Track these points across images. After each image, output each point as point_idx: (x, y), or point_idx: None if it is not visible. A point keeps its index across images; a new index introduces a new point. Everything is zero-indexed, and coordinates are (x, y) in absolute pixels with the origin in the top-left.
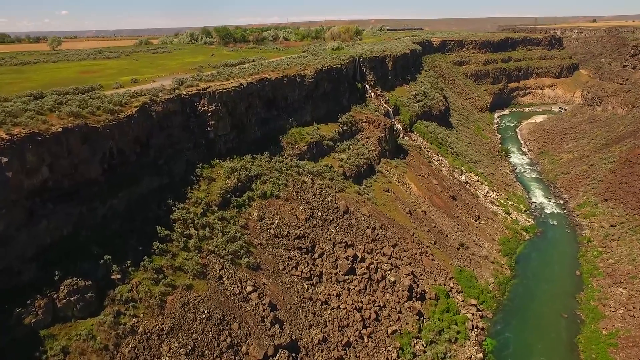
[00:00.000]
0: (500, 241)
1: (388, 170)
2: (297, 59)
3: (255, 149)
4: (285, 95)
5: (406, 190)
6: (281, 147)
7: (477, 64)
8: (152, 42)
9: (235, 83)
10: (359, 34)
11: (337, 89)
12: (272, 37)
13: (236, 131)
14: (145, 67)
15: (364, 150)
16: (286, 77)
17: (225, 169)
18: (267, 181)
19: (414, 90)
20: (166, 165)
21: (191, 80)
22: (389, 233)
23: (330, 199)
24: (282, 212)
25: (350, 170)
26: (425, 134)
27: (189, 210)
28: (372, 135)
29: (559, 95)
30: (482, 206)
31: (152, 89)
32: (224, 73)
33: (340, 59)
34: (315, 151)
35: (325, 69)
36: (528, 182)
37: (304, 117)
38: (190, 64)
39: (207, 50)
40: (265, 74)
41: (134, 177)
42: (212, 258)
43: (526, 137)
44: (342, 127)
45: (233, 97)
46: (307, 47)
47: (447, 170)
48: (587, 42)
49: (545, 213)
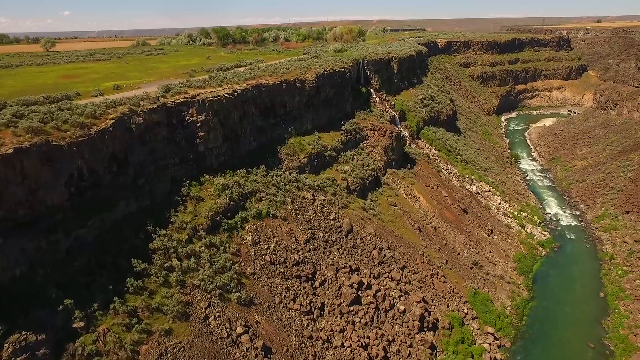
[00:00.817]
0: (515, 258)
1: (395, 181)
2: (297, 61)
3: (250, 162)
4: (284, 102)
5: (414, 204)
6: (279, 159)
7: (483, 65)
8: (149, 43)
9: (228, 90)
10: (362, 34)
11: (340, 94)
12: (273, 38)
13: (229, 143)
14: (135, 70)
15: (369, 160)
16: (285, 82)
17: (215, 187)
18: (263, 198)
19: (421, 94)
20: (147, 184)
21: (179, 87)
22: (397, 253)
23: (332, 217)
24: (279, 234)
25: (354, 183)
26: (433, 141)
27: (172, 237)
28: (377, 143)
29: (568, 97)
30: (494, 219)
31: (134, 97)
32: (217, 78)
33: (343, 61)
34: (317, 163)
35: (327, 72)
36: (540, 190)
37: (304, 125)
38: (184, 67)
39: (204, 52)
40: (262, 78)
41: (107, 201)
42: (197, 294)
43: (536, 142)
44: (346, 135)
45: (225, 105)
46: (308, 49)
47: (457, 180)
48: (594, 43)
49: (561, 225)
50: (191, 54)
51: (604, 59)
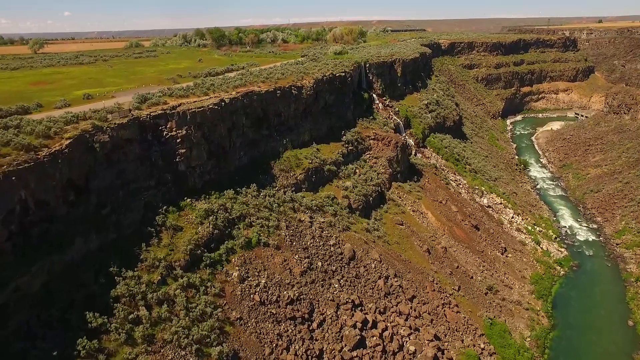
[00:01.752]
0: (532, 279)
1: (401, 196)
2: (294, 65)
3: (239, 181)
4: (279, 111)
5: (422, 222)
6: (273, 177)
7: (488, 67)
8: (143, 45)
9: (214, 99)
10: (363, 35)
11: (341, 100)
12: (271, 39)
13: (215, 159)
14: (116, 76)
15: (373, 174)
16: (279, 90)
17: (197, 213)
18: (253, 224)
19: (426, 99)
20: (114, 214)
21: (158, 96)
22: (404, 282)
23: (332, 243)
24: (271, 266)
25: (356, 201)
26: (440, 150)
27: (141, 279)
28: (381, 154)
29: (574, 100)
30: (507, 235)
31: (103, 109)
32: (203, 86)
33: (344, 65)
34: (315, 179)
35: (326, 77)
36: (553, 201)
37: (301, 136)
38: (171, 71)
39: (197, 54)
40: (254, 85)
41: (60, 239)
42: (168, 352)
43: (544, 147)
44: (347, 147)
45: (211, 117)
46: (306, 51)
47: (466, 193)
48: (598, 44)
49: (578, 240)
50: (183, 57)
51: (609, 60)
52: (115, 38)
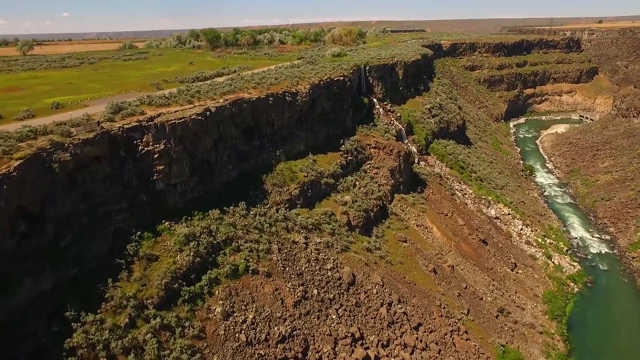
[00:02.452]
0: (544, 297)
1: (404, 210)
2: (289, 69)
3: (227, 198)
4: (271, 120)
5: (427, 237)
6: (264, 192)
7: (490, 68)
8: (137, 46)
9: (199, 108)
10: (363, 36)
11: (339, 107)
12: (268, 40)
13: (199, 175)
14: (97, 81)
15: (374, 186)
16: (272, 96)
17: (177, 239)
18: (241, 248)
19: (429, 103)
20: (75, 245)
21: (135, 106)
22: (409, 307)
23: (330, 266)
24: (260, 297)
25: (356, 217)
26: (443, 157)
27: (104, 324)
28: (382, 164)
29: (578, 102)
30: (517, 249)
31: (70, 121)
32: (188, 92)
33: (343, 68)
34: (311, 193)
35: (323, 82)
36: (561, 209)
37: (296, 146)
38: (157, 75)
39: (189, 56)
40: (244, 92)
41: (4, 280)
42: None
43: (550, 152)
44: (346, 157)
45: (194, 129)
46: (303, 53)
47: (472, 203)
48: (600, 44)
49: (590, 253)
50: (174, 59)
51: (612, 60)
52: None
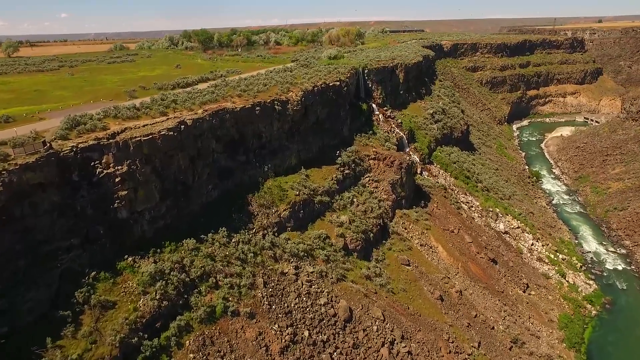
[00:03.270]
0: (560, 322)
1: (406, 227)
2: (280, 73)
3: (205, 224)
4: (258, 132)
5: (432, 258)
6: (249, 215)
7: (492, 69)
8: (128, 47)
9: (172, 121)
10: (361, 37)
11: (335, 114)
12: (264, 41)
13: (172, 198)
14: (69, 86)
15: (373, 203)
16: (259, 105)
17: (141, 278)
18: (219, 284)
19: (431, 108)
20: (4, 298)
21: (97, 119)
22: (414, 344)
23: (323, 301)
24: (240, 345)
25: (354, 240)
26: (447, 166)
27: None
28: (382, 177)
29: (583, 103)
30: (528, 267)
31: (11, 140)
32: (162, 103)
33: (339, 71)
34: (303, 214)
35: (318, 88)
36: (571, 219)
37: (286, 160)
38: (137, 80)
39: (178, 58)
40: (227, 101)
41: None
42: None
43: (556, 156)
44: (342, 170)
45: (164, 146)
46: (299, 54)
47: (479, 217)
48: (602, 44)
49: (606, 269)
50: (162, 62)
51: (615, 60)
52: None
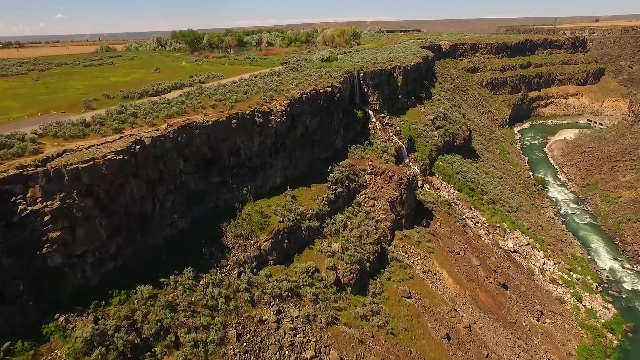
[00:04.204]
0: (579, 356)
1: (407, 251)
2: (267, 77)
3: (167, 262)
4: (236, 148)
5: (437, 287)
6: (223, 248)
7: (493, 70)
8: (115, 48)
9: (124, 141)
10: (357, 37)
11: (327, 124)
12: (256, 42)
13: (125, 235)
14: (24, 95)
15: (369, 225)
16: (235, 117)
17: (73, 346)
18: (181, 341)
19: (431, 113)
20: None
21: (29, 140)
22: None
23: (310, 355)
24: None
25: (348, 273)
26: (450, 177)
27: None
28: (380, 194)
29: (585, 105)
30: (541, 290)
31: None
32: (117, 117)
33: (332, 76)
34: (288, 244)
35: (307, 95)
36: (581, 231)
37: (269, 179)
38: (106, 87)
39: (162, 60)
40: (198, 113)
41: None
42: None
43: (560, 161)
44: (335, 188)
45: (110, 174)
46: (290, 56)
47: (486, 234)
48: (602, 44)
49: (624, 289)
50: (142, 65)
51: (615, 60)
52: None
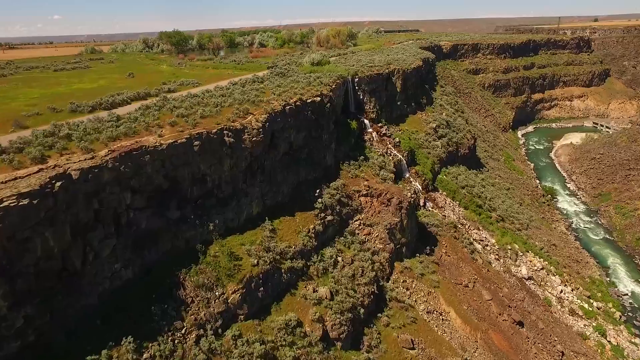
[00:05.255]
0: None
1: (408, 287)
2: (247, 85)
3: (101, 331)
4: (202, 175)
5: (444, 330)
6: (179, 305)
7: (495, 72)
8: (102, 50)
9: (40, 177)
10: (353, 37)
11: (315, 139)
12: (249, 43)
13: (40, 301)
14: None
15: (364, 260)
16: (199, 138)
17: None
18: None
19: (433, 120)
20: None
21: None
22: None
23: None
24: None
25: (337, 325)
26: (455, 193)
27: None
28: (377, 220)
29: (591, 107)
30: (561, 325)
31: None
32: (45, 141)
33: (323, 82)
34: (265, 292)
35: (291, 106)
36: (596, 247)
37: (244, 210)
38: (65, 96)
39: (143, 63)
40: (151, 133)
41: None
42: None
43: (569, 168)
44: (323, 217)
45: (10, 225)
46: (280, 58)
47: (497, 259)
48: (605, 43)
49: None
50: (118, 69)
51: (618, 60)
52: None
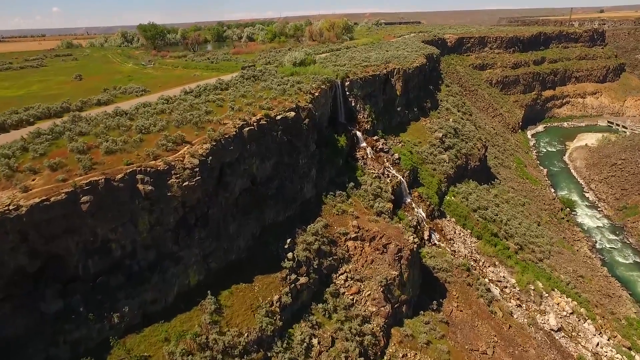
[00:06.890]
0: None
1: None
2: (202, 95)
3: None
4: (101, 241)
5: None
6: None
7: (503, 67)
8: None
9: None
10: (350, 31)
11: (289, 166)
12: (238, 37)
13: None
14: None
15: (350, 338)
16: (87, 191)
17: None
18: None
19: (439, 128)
20: None
21: None
22: None
23: None
24: None
25: None
26: (466, 219)
27: None
28: (369, 273)
29: (605, 105)
30: None
31: None
32: None
33: (302, 89)
34: None
35: (252, 127)
36: (625, 272)
37: (173, 284)
38: None
39: (108, 61)
40: (15, 184)
41: None
42: None
43: (586, 175)
44: (294, 280)
45: None
46: (263, 55)
47: (518, 305)
48: (615, 36)
49: None
50: (72, 69)
51: (630, 54)
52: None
